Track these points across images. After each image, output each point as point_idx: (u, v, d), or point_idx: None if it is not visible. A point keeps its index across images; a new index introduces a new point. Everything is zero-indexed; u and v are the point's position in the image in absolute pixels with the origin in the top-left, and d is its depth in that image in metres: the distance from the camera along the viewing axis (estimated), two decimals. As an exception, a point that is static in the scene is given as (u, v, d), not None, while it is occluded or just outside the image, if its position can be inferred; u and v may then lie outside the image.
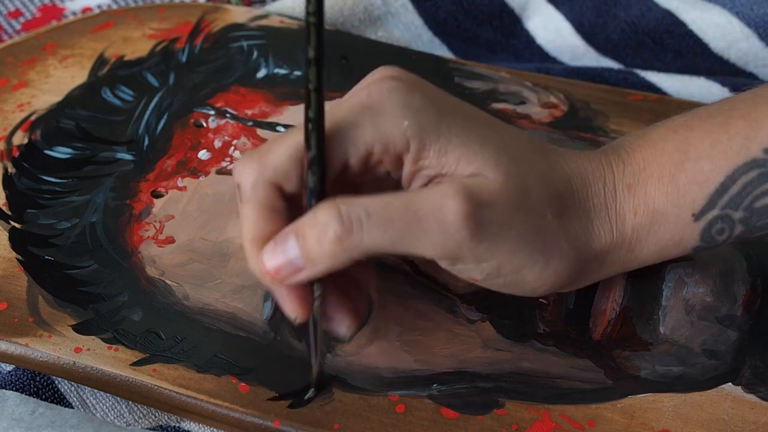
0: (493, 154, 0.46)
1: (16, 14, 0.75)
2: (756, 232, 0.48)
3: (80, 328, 0.54)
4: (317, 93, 0.45)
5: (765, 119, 0.47)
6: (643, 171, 0.48)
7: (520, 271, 0.47)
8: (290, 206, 0.47)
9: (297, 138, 0.46)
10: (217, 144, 0.63)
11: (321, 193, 0.46)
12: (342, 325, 0.49)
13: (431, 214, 0.44)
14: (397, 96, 0.46)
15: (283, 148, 0.47)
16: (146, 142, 0.63)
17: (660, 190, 0.48)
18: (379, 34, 0.72)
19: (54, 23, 0.73)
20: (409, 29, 0.73)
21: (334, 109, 0.47)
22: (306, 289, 0.47)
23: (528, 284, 0.48)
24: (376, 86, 0.47)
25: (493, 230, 0.45)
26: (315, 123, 0.45)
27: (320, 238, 0.44)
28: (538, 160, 0.48)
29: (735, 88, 0.68)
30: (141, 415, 0.54)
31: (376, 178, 0.48)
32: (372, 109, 0.46)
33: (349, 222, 0.44)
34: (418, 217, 0.44)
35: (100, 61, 0.68)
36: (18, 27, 0.74)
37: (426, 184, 0.47)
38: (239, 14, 0.71)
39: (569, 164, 0.48)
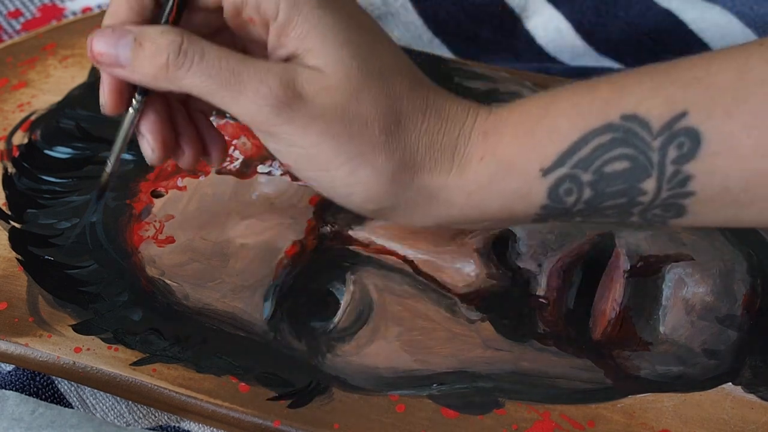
0: (343, 57, 0.47)
1: (16, 14, 0.75)
2: (606, 201, 0.47)
3: (80, 328, 0.54)
4: None
5: (630, 86, 0.46)
6: (503, 122, 0.48)
7: (328, 168, 0.47)
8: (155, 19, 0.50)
9: None
10: (217, 144, 0.63)
11: (180, 11, 0.49)
12: (149, 148, 0.51)
13: (252, 82, 0.46)
14: None
15: None
16: (146, 142, 0.63)
17: (514, 141, 0.47)
18: (379, 34, 0.72)
19: (54, 23, 0.73)
20: (409, 29, 0.73)
21: None
22: (126, 88, 0.50)
23: (339, 187, 0.48)
24: None
25: (301, 121, 0.46)
26: None
27: (154, 55, 0.47)
28: (397, 80, 0.48)
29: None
30: (141, 415, 0.54)
31: (252, 40, 0.50)
32: None
33: (184, 57, 0.46)
34: (242, 79, 0.46)
35: (100, 61, 0.68)
36: (18, 27, 0.74)
37: (285, 61, 0.48)
38: (239, 14, 0.71)
39: (434, 98, 0.49)
